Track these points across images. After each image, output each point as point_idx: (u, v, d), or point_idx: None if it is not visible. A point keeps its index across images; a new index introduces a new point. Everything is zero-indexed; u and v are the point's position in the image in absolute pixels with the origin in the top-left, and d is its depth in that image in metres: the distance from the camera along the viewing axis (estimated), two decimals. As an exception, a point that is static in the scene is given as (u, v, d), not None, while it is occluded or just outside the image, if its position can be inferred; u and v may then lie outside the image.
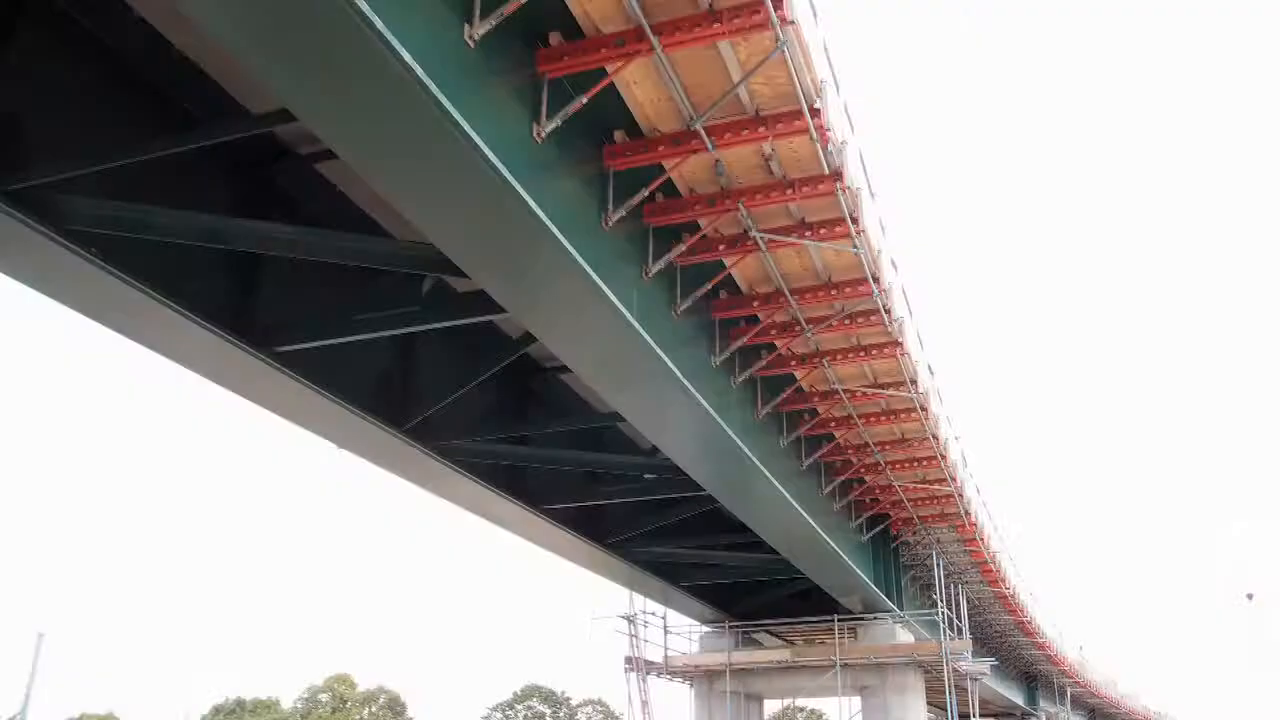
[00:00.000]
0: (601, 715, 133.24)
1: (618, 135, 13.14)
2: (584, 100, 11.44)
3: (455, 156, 10.16)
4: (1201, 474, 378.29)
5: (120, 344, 14.14)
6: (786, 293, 16.88)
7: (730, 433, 18.08)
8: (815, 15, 12.61)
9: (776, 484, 20.82)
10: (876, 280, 16.69)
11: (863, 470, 26.01)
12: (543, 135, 11.31)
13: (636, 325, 14.06)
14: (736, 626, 34.95)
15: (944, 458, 25.73)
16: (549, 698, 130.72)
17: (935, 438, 24.22)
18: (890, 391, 21.14)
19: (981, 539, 35.07)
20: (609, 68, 11.49)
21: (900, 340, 18.97)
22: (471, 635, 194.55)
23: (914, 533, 33.51)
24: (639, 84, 12.24)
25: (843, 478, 25.68)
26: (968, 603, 37.35)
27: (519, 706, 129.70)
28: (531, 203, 11.12)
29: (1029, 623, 50.73)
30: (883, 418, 22.74)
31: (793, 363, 19.65)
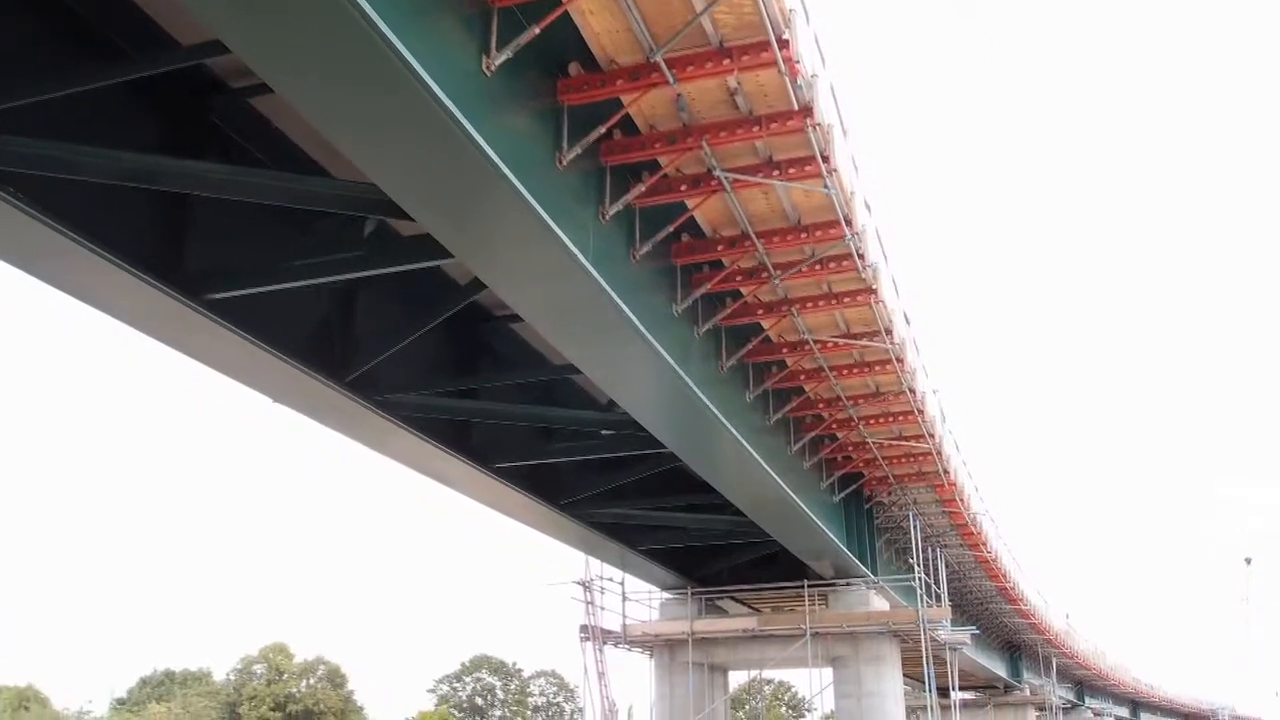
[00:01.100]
0: (555, 687, 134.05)
1: (573, 68, 13.28)
2: (537, 30, 11.55)
3: (398, 90, 10.29)
4: (1196, 435, 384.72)
5: (42, 291, 14.23)
6: (753, 236, 17.06)
7: (692, 385, 18.35)
8: (782, -61, 12.75)
9: (742, 440, 21.15)
10: (849, 223, 16.83)
11: (834, 426, 26.37)
12: (493, 68, 11.43)
13: (592, 270, 14.25)
14: (699, 593, 35.29)
15: (921, 412, 26.09)
16: (499, 669, 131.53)
17: (912, 391, 24.53)
18: (864, 342, 21.40)
19: (961, 500, 35.61)
20: (563, -4, 11.59)
21: (874, 287, 19.17)
22: (419, 604, 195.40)
23: (889, 493, 33.99)
24: (595, 13, 12.38)
25: (813, 434, 25.99)
26: (947, 568, 37.74)
27: (467, 679, 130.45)
28: (480, 140, 11.27)
29: (1012, 589, 51.48)
30: (856, 370, 23.01)
31: (759, 311, 19.91)
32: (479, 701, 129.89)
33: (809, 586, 33.58)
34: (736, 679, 43.33)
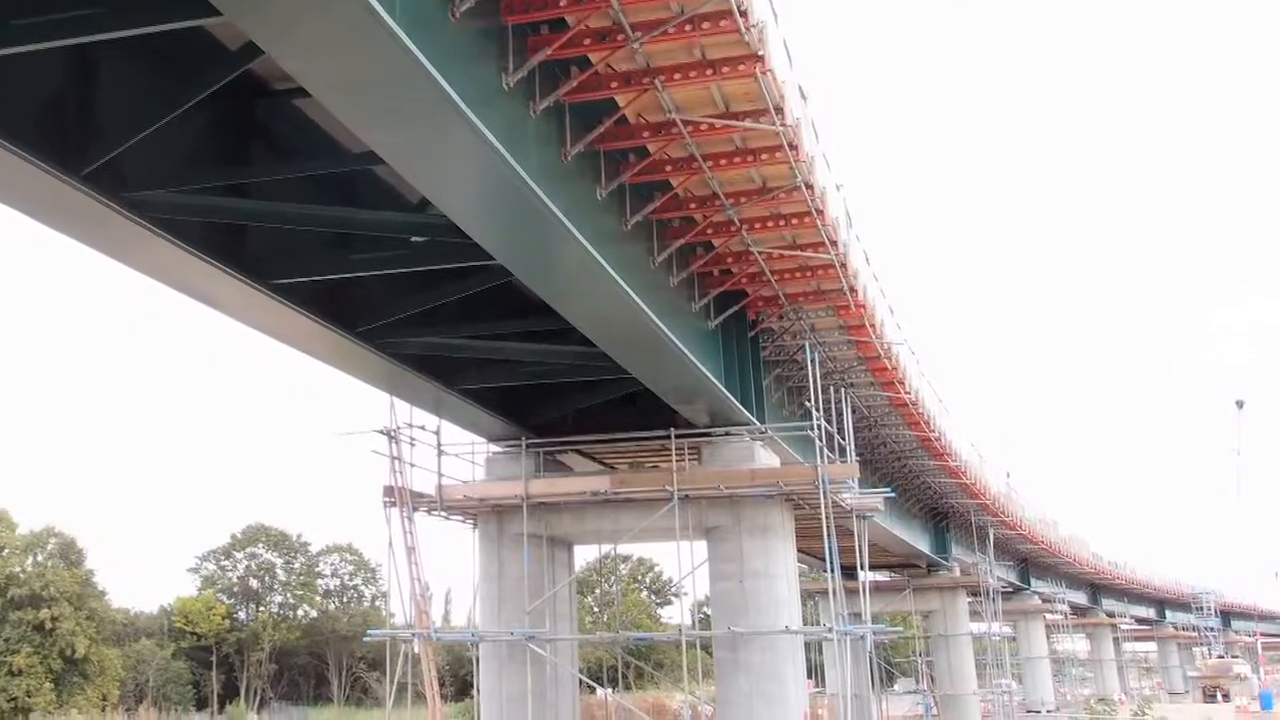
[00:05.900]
0: (352, 566, 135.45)
1: None
2: None
3: None
4: (1168, 257, 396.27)
5: None
6: (604, -13, 17.51)
7: (526, 177, 18.75)
8: None
9: (590, 248, 21.66)
10: (726, -29, 17.34)
11: (709, 231, 27.23)
12: None
13: (398, 30, 14.41)
14: (536, 445, 36.02)
15: (821, 213, 26.60)
16: (280, 543, 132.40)
17: (809, 186, 24.97)
18: (747, 123, 21.87)
19: (872, 325, 36.36)
20: None
21: (761, 52, 19.59)
22: (180, 463, 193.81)
23: (780, 317, 34.84)
24: None
25: (682, 241, 26.80)
26: (854, 413, 38.78)
27: (239, 555, 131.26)
28: None
29: (937, 439, 53.13)
30: (737, 158, 23.59)
31: (614, 83, 20.38)
32: (254, 584, 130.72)
33: (677, 437, 34.24)
34: (584, 555, 44.17)
